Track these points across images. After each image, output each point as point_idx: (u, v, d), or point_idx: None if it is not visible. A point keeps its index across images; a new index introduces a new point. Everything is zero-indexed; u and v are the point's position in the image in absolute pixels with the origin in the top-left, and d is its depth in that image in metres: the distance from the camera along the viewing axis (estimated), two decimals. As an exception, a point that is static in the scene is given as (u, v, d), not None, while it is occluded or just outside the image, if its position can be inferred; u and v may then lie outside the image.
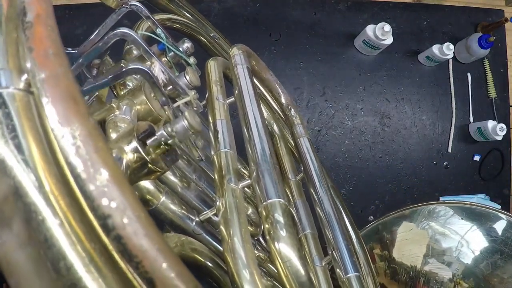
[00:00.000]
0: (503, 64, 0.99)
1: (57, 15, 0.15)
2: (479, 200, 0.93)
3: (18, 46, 0.13)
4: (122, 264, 0.12)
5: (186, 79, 0.31)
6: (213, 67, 0.37)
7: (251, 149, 0.30)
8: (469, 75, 0.97)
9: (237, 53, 0.38)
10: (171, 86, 0.29)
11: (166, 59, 0.34)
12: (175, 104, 0.30)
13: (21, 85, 0.12)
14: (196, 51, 0.39)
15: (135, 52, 0.33)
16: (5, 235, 0.12)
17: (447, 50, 0.90)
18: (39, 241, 0.12)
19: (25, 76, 0.13)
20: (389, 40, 0.87)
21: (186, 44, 0.36)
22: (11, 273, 0.13)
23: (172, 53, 0.35)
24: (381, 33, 0.85)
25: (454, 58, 0.96)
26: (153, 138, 0.24)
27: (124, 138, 0.24)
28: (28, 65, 0.13)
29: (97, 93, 0.28)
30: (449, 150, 0.95)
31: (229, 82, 0.40)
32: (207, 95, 0.35)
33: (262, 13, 0.91)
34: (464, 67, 0.97)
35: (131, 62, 0.26)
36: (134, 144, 0.23)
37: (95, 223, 0.12)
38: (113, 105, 0.27)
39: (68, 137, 0.12)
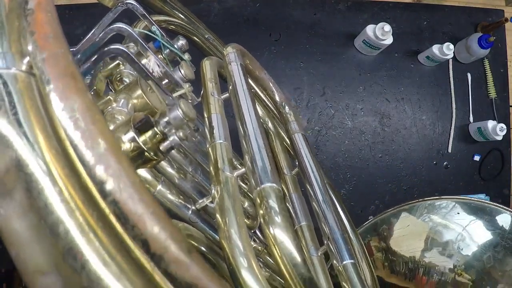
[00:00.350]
0: (503, 64, 0.99)
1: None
2: (479, 199, 0.93)
3: (20, 33, 0.15)
4: (118, 226, 0.13)
5: (180, 72, 0.32)
6: (208, 66, 0.38)
7: (246, 142, 0.31)
8: (469, 75, 0.98)
9: (231, 52, 0.39)
10: (166, 80, 0.31)
11: (161, 56, 0.35)
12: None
13: (23, 67, 0.14)
14: (191, 52, 0.40)
15: (131, 50, 0.34)
16: (7, 204, 0.13)
17: (447, 50, 0.90)
18: (39, 208, 0.13)
19: (27, 59, 0.14)
20: (389, 40, 0.87)
21: (181, 41, 0.37)
22: (12, 242, 0.14)
23: (167, 50, 0.36)
24: (381, 33, 0.86)
25: (454, 58, 0.97)
26: (149, 127, 0.25)
27: (122, 128, 0.25)
28: (30, 48, 0.14)
29: (94, 88, 0.29)
30: (449, 150, 0.95)
31: (223, 81, 0.41)
32: (202, 92, 0.36)
33: (262, 13, 0.92)
34: (464, 67, 0.98)
35: (112, 44, 0.27)
36: (131, 133, 0.25)
37: (93, 189, 0.13)
38: (110, 98, 0.28)
39: (67, 110, 0.13)
